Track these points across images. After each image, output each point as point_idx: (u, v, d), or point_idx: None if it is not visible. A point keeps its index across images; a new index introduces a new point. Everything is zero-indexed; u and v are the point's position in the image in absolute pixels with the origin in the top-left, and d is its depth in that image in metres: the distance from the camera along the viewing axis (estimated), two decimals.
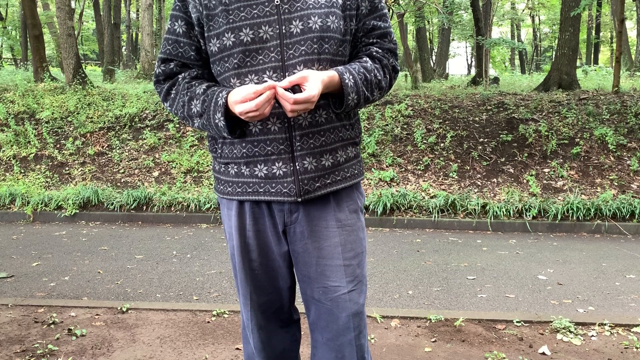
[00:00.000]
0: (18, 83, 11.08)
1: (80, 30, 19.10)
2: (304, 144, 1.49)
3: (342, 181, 1.57)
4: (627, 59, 18.36)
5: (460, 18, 20.08)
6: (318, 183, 1.52)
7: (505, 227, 6.62)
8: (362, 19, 1.56)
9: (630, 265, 4.94)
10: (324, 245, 1.56)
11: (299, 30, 1.45)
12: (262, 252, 1.60)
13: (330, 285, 1.56)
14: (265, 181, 1.52)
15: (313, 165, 1.51)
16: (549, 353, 2.84)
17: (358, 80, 1.50)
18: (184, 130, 9.13)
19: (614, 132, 8.13)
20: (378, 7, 1.58)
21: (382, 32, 1.59)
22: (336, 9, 1.49)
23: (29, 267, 4.75)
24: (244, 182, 1.55)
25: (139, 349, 2.86)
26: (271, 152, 1.50)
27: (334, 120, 1.53)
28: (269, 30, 1.45)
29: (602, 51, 31.85)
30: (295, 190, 1.50)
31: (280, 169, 1.50)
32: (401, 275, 4.57)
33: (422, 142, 8.30)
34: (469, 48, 34.28)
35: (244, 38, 1.45)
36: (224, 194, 1.62)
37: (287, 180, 1.51)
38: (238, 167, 1.55)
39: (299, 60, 1.46)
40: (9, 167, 8.44)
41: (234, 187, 1.58)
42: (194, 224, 6.90)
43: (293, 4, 1.46)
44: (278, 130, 1.48)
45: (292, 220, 1.56)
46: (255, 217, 1.58)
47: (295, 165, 1.50)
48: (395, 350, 2.87)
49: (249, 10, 1.45)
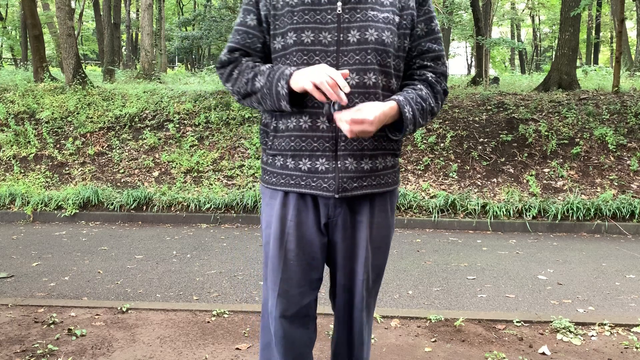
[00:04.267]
0: (18, 83, 11.08)
1: (80, 30, 19.10)
2: (347, 145, 1.60)
3: (377, 187, 1.69)
4: (627, 59, 18.35)
5: (460, 18, 20.08)
6: (355, 184, 1.64)
7: (505, 227, 6.62)
8: (417, 40, 1.68)
9: (630, 265, 4.94)
10: (357, 237, 1.71)
11: (356, 39, 1.57)
12: (299, 244, 1.70)
13: (353, 269, 1.75)
14: (307, 175, 1.63)
15: (353, 166, 1.62)
16: (549, 353, 2.84)
17: (416, 111, 1.61)
18: (184, 130, 9.13)
19: (614, 132, 8.13)
20: (434, 30, 1.70)
21: (436, 54, 1.70)
22: (392, 26, 1.60)
23: (29, 267, 4.75)
24: (288, 174, 1.66)
25: (139, 349, 2.86)
26: (317, 148, 1.61)
27: (378, 130, 1.60)
28: (328, 36, 1.57)
29: (602, 51, 31.84)
30: (334, 187, 1.62)
31: (323, 164, 1.62)
32: (401, 275, 4.57)
33: (422, 142, 8.30)
34: (469, 48, 34.28)
35: (304, 39, 1.57)
36: (269, 184, 1.73)
37: (328, 176, 1.62)
38: (284, 159, 1.66)
39: (352, 67, 1.57)
40: (9, 167, 8.44)
41: (279, 178, 1.69)
42: (194, 224, 6.90)
43: (354, 15, 1.57)
44: (326, 129, 1.59)
45: (336, 214, 1.69)
46: (298, 209, 1.68)
47: (337, 163, 1.61)
48: (395, 350, 2.87)
49: (312, 14, 1.57)
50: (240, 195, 7.17)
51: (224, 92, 10.31)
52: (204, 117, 9.29)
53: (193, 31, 23.01)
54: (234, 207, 7.08)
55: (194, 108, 9.66)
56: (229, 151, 8.56)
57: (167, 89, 10.80)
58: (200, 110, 9.59)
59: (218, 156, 8.43)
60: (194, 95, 10.15)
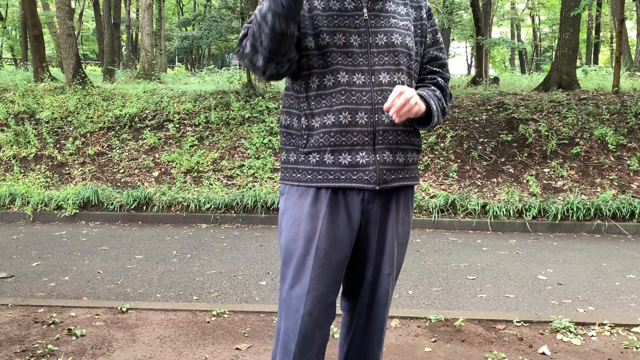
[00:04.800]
0: (18, 83, 11.09)
1: (80, 30, 19.09)
2: (384, 139, 1.70)
3: (409, 179, 1.80)
4: (627, 59, 18.35)
5: (460, 18, 20.06)
6: (393, 175, 1.73)
7: (505, 227, 6.62)
8: (426, 48, 1.85)
9: (630, 265, 4.94)
10: (385, 231, 1.80)
11: (383, 42, 1.71)
12: (332, 241, 1.72)
13: (381, 264, 1.82)
14: (348, 169, 1.69)
15: (390, 159, 1.72)
16: (549, 353, 2.84)
17: (438, 106, 1.75)
18: (184, 130, 9.13)
19: (614, 132, 8.13)
20: (439, 41, 1.88)
21: (443, 62, 1.88)
22: (410, 32, 1.79)
23: (29, 267, 4.75)
24: (325, 169, 1.70)
25: (139, 349, 2.85)
26: (356, 142, 1.68)
27: (407, 125, 1.75)
28: (358, 39, 1.69)
29: (602, 51, 31.84)
30: (375, 179, 1.69)
31: (364, 158, 1.69)
32: (401, 275, 4.57)
33: (422, 142, 8.29)
34: (469, 48, 34.28)
35: (337, 41, 1.68)
36: (302, 181, 1.74)
37: (369, 169, 1.69)
38: (321, 155, 1.70)
39: (382, 67, 1.70)
40: (9, 167, 8.44)
41: (315, 174, 1.72)
42: (194, 224, 6.90)
43: (378, 21, 1.73)
44: (365, 124, 1.67)
45: (368, 209, 1.75)
46: (332, 206, 1.72)
47: (377, 156, 1.69)
48: (395, 350, 2.87)
49: (341, 19, 1.70)
50: (240, 195, 7.17)
51: (224, 92, 10.31)
52: (204, 117, 9.29)
53: (193, 31, 23.00)
54: (234, 207, 7.08)
55: (194, 108, 9.66)
56: (229, 151, 8.56)
57: (167, 89, 10.80)
58: (200, 110, 9.59)
59: (218, 156, 8.43)
60: (194, 95, 10.15)
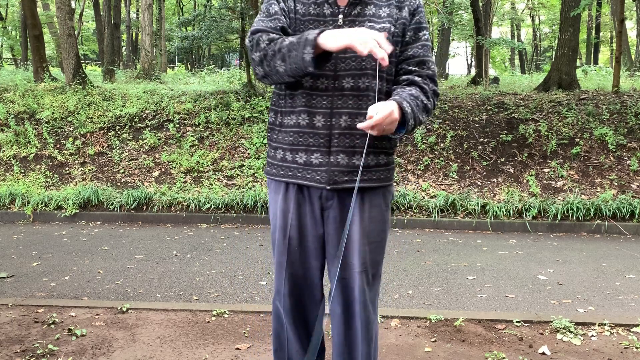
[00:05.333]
0: (18, 83, 11.08)
1: (80, 30, 19.09)
2: (340, 142, 1.76)
3: (369, 182, 1.81)
4: (627, 59, 18.35)
5: (460, 18, 20.07)
6: (346, 177, 1.78)
7: (505, 227, 6.62)
8: (404, 46, 1.81)
9: (630, 265, 4.94)
10: (349, 230, 1.82)
11: None
12: (301, 232, 1.87)
13: (349, 262, 1.85)
14: (303, 167, 1.81)
15: (345, 161, 1.77)
16: (549, 353, 2.84)
17: (413, 106, 1.70)
18: (184, 130, 9.13)
19: (614, 132, 8.13)
20: (421, 38, 1.83)
21: (421, 59, 1.81)
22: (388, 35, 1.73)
23: (29, 267, 4.75)
24: (287, 166, 1.84)
25: (139, 349, 2.86)
26: (312, 143, 1.78)
27: None
28: None
29: (602, 51, 31.84)
30: (326, 179, 1.78)
31: (317, 158, 1.78)
32: (401, 275, 4.57)
33: (422, 142, 8.30)
34: (468, 48, 34.27)
35: None
36: (270, 174, 1.92)
37: (321, 170, 1.78)
38: (284, 152, 1.84)
39: (347, 73, 1.74)
40: (9, 167, 8.44)
41: (278, 169, 1.87)
42: (194, 224, 6.90)
43: (352, 26, 1.73)
44: (321, 127, 1.76)
45: (327, 206, 1.83)
46: (298, 202, 1.85)
47: (330, 158, 1.77)
48: (395, 350, 2.87)
49: (316, 24, 1.76)
50: (240, 195, 7.17)
51: (224, 92, 10.31)
52: (204, 117, 9.29)
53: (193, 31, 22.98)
54: (234, 207, 7.08)
55: (194, 108, 9.66)
56: (229, 151, 8.56)
57: (167, 89, 10.80)
58: (200, 110, 9.59)
59: (218, 156, 8.43)
60: (194, 95, 10.15)
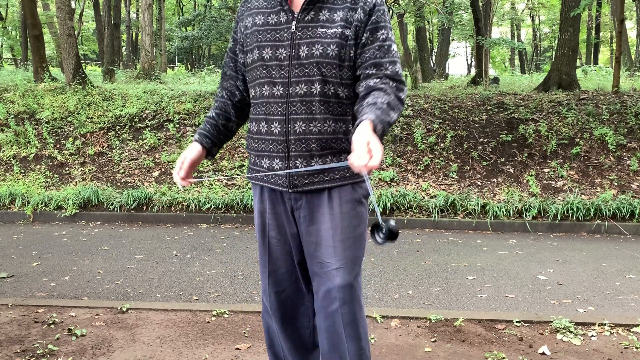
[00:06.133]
0: (18, 83, 11.08)
1: (80, 30, 19.09)
2: (297, 148, 1.78)
3: (330, 181, 1.82)
4: (627, 59, 18.35)
5: (460, 18, 20.07)
6: (306, 180, 1.82)
7: (505, 227, 6.62)
8: (360, 48, 1.77)
9: (630, 265, 4.94)
10: (320, 228, 1.84)
11: (305, 54, 1.75)
12: (279, 231, 1.92)
13: (324, 261, 1.84)
14: (269, 171, 1.86)
15: (303, 165, 1.79)
16: (548, 353, 2.84)
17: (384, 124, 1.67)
18: (184, 130, 9.13)
19: (614, 132, 8.13)
20: (379, 39, 1.76)
21: (377, 62, 1.76)
22: (339, 39, 1.74)
23: (29, 267, 4.75)
24: (257, 170, 1.90)
25: (139, 349, 2.86)
26: (272, 149, 1.82)
27: (327, 133, 1.78)
28: (283, 52, 1.76)
29: (602, 51, 31.84)
30: (286, 183, 1.83)
31: (277, 164, 1.82)
32: (401, 275, 4.57)
33: (422, 142, 8.30)
34: (468, 48, 34.28)
35: (264, 55, 1.79)
36: (249, 178, 1.97)
37: (282, 174, 1.83)
38: (254, 158, 1.91)
39: (301, 79, 1.75)
40: (9, 167, 8.44)
41: (252, 173, 1.94)
42: (194, 224, 6.90)
43: (305, 32, 1.76)
44: (278, 133, 1.80)
45: (297, 207, 1.86)
46: (273, 202, 1.91)
47: (289, 163, 1.80)
48: (395, 350, 2.87)
49: (273, 33, 1.79)
50: (240, 195, 7.17)
51: None
52: (204, 117, 9.28)
53: (193, 31, 23.01)
54: (234, 207, 7.08)
55: (194, 108, 9.66)
56: (229, 151, 8.56)
57: (167, 89, 10.79)
58: (200, 110, 9.59)
59: (218, 156, 8.43)
60: (194, 95, 10.15)
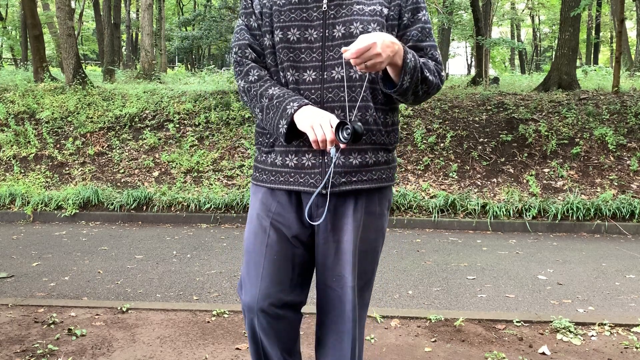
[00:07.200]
0: (18, 83, 11.08)
1: (80, 30, 19.10)
2: None
3: (368, 182, 1.64)
4: (627, 59, 18.35)
5: (460, 18, 20.08)
6: (344, 179, 1.60)
7: (505, 227, 6.62)
8: (402, 29, 1.63)
9: (630, 265, 4.94)
10: (342, 240, 1.65)
11: (341, 34, 1.57)
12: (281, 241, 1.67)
13: (342, 275, 1.67)
14: (295, 171, 1.63)
15: (341, 161, 1.59)
16: (549, 353, 2.84)
17: (417, 62, 1.51)
18: (184, 130, 9.13)
19: (614, 132, 8.13)
20: (421, 20, 1.64)
21: (418, 45, 1.62)
22: (379, 17, 1.59)
23: (29, 267, 4.75)
24: (277, 171, 1.67)
25: (139, 349, 2.86)
26: (302, 143, 1.60)
27: (368, 123, 1.60)
28: (314, 33, 1.59)
29: (602, 51, 31.85)
30: (321, 182, 1.59)
31: (310, 160, 1.61)
32: (401, 275, 4.57)
33: (422, 142, 8.30)
34: (468, 48, 34.28)
35: (290, 37, 1.60)
36: (258, 181, 1.73)
37: (315, 172, 1.60)
38: (275, 156, 1.67)
39: (337, 62, 1.57)
40: (9, 167, 8.44)
41: (269, 175, 1.69)
42: (194, 224, 6.90)
43: (339, 11, 1.58)
44: None
45: (318, 214, 1.65)
46: (283, 206, 1.67)
47: (324, 158, 1.59)
48: (395, 350, 2.87)
49: (299, 12, 1.60)
50: (240, 195, 7.16)
51: (224, 92, 10.31)
52: (204, 117, 9.29)
53: (193, 31, 23.02)
54: (234, 207, 7.08)
55: (194, 108, 9.66)
56: (229, 151, 8.56)
57: (167, 89, 10.79)
58: (200, 110, 9.59)
59: (218, 156, 8.43)
60: (194, 95, 10.15)
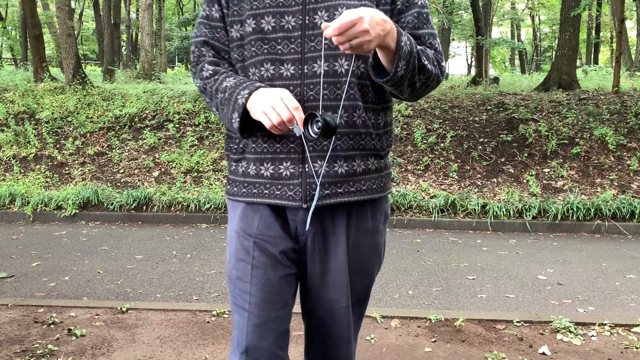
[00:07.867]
0: (18, 83, 11.08)
1: (80, 30, 19.10)
2: (316, 145, 1.34)
3: (357, 193, 1.40)
4: (627, 59, 18.35)
5: (460, 18, 20.08)
6: (328, 190, 1.36)
7: (505, 227, 6.62)
8: (396, 15, 1.40)
9: (630, 265, 4.94)
10: (331, 260, 1.43)
11: (324, 21, 1.32)
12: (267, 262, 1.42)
13: (329, 298, 1.45)
14: (270, 182, 1.38)
15: (324, 170, 1.35)
16: (549, 353, 2.84)
17: (413, 46, 1.29)
18: (184, 130, 9.13)
19: (614, 132, 8.13)
20: (417, 4, 1.41)
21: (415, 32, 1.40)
22: (368, 2, 1.35)
23: (29, 267, 4.75)
24: (250, 182, 1.42)
25: (139, 349, 2.86)
26: (280, 150, 1.37)
27: (356, 125, 1.37)
28: (292, 21, 1.34)
29: (602, 51, 31.83)
30: (301, 194, 1.36)
31: (288, 169, 1.36)
32: (401, 275, 4.57)
33: (422, 142, 8.30)
34: (469, 48, 34.28)
35: (264, 26, 1.36)
36: (230, 194, 1.48)
37: (294, 183, 1.36)
38: (247, 165, 1.42)
39: (319, 54, 1.34)
40: (9, 167, 8.44)
41: (240, 187, 1.44)
42: (194, 224, 6.90)
43: None
44: None
45: (305, 233, 1.41)
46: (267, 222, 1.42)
47: (305, 167, 1.35)
48: (395, 350, 2.87)
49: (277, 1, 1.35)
50: None
51: None
52: (204, 117, 9.29)
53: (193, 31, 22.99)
54: None
55: (194, 108, 9.66)
56: None
57: (167, 89, 10.79)
58: (200, 110, 9.59)
59: (218, 156, 8.43)
60: (194, 95, 10.15)
